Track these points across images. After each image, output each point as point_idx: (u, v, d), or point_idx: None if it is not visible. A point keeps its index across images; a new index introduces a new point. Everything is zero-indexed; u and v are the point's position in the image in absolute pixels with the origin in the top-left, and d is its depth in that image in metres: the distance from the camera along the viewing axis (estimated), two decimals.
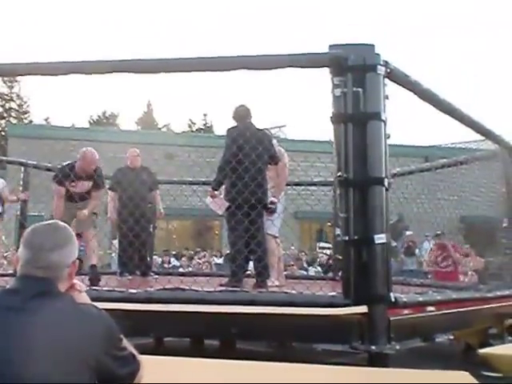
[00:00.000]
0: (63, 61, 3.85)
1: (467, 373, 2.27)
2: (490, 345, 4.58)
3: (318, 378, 2.29)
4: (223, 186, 4.93)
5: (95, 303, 1.79)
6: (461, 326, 4.58)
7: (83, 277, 5.60)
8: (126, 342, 1.76)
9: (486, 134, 5.14)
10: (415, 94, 3.93)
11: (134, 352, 1.79)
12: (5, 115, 36.09)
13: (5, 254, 9.60)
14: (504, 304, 4.75)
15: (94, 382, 1.60)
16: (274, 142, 5.39)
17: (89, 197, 5.51)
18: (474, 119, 4.71)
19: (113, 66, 3.81)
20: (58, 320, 1.57)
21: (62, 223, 1.82)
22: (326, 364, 2.77)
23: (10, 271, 6.67)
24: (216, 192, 4.97)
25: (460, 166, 5.86)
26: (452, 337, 6.28)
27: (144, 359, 1.84)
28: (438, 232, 7.72)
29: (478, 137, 5.29)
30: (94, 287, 3.99)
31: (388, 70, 3.48)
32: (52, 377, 1.47)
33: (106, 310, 1.73)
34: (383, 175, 3.38)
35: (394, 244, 8.34)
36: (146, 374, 1.82)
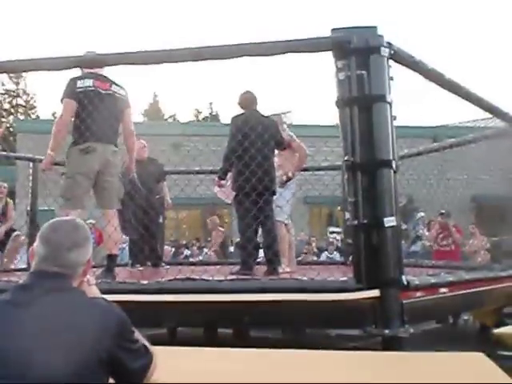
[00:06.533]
0: (67, 56, 3.84)
1: (482, 353, 2.25)
2: (506, 324, 4.56)
3: (333, 364, 2.28)
4: (230, 174, 4.92)
5: (106, 296, 1.79)
6: (475, 306, 4.56)
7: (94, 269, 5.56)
8: (138, 335, 1.76)
9: (494, 111, 5.08)
10: (420, 74, 3.88)
11: (147, 344, 1.79)
12: (12, 111, 36.18)
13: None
14: None
15: (107, 375, 1.60)
16: (285, 126, 5.37)
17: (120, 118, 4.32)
18: (480, 97, 4.66)
19: (115, 58, 3.80)
20: (68, 315, 1.57)
21: (81, 221, 1.79)
22: (340, 349, 2.77)
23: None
24: (223, 181, 4.96)
25: (468, 145, 5.81)
26: (466, 317, 6.27)
27: (157, 350, 1.85)
28: (443, 211, 7.68)
29: (486, 115, 5.22)
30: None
31: (392, 52, 3.43)
32: (63, 371, 1.47)
33: (118, 302, 1.73)
34: (391, 157, 3.35)
35: (404, 226, 8.31)
36: (159, 365, 1.82)
